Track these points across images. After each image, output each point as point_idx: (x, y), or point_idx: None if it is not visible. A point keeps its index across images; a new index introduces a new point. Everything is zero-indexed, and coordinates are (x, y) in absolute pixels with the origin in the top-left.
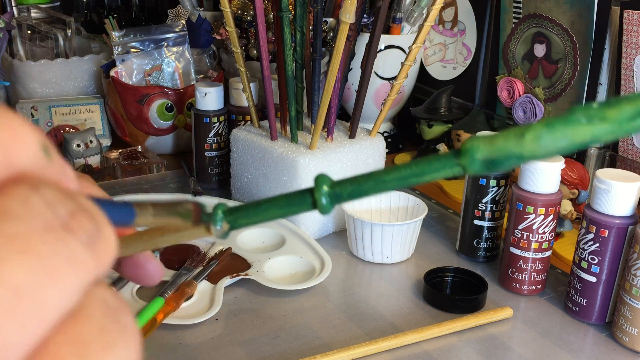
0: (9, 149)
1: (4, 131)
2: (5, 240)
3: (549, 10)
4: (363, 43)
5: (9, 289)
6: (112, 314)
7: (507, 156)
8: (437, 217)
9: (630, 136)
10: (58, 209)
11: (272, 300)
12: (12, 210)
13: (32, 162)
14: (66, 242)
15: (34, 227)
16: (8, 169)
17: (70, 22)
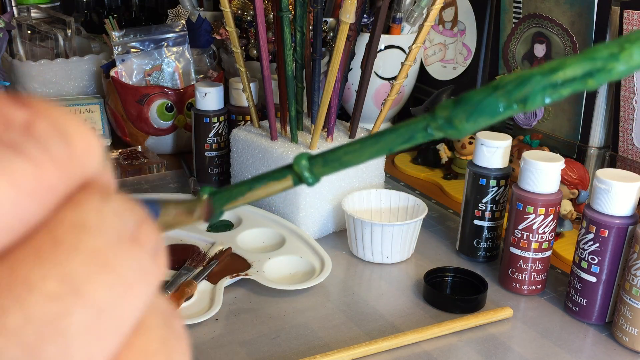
0: (86, 161)
1: (83, 144)
2: (86, 257)
3: (549, 10)
4: (363, 43)
5: (92, 308)
6: (168, 322)
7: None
8: (437, 217)
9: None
10: (126, 219)
11: (272, 300)
12: (88, 223)
13: (98, 169)
14: (136, 254)
15: (109, 241)
16: (82, 179)
17: (70, 22)
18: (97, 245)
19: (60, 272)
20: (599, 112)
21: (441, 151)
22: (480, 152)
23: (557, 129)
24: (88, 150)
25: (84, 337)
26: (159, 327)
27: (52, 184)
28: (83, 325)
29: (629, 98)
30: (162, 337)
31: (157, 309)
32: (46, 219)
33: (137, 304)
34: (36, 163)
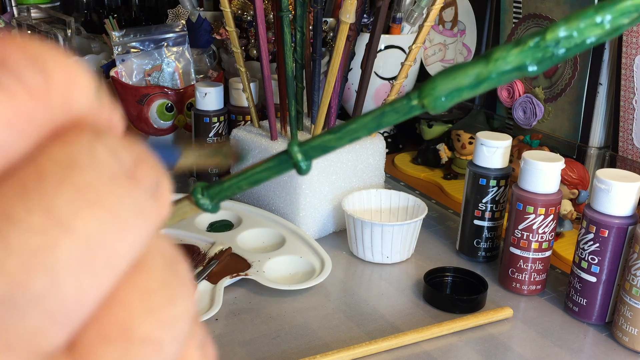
0: (68, 92)
1: (62, 74)
2: (76, 192)
3: (549, 10)
4: (363, 43)
5: (82, 241)
6: (171, 265)
7: (470, 82)
8: (437, 217)
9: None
10: (122, 157)
11: (272, 300)
12: (79, 160)
13: (89, 106)
14: (132, 192)
15: (101, 177)
16: (68, 114)
17: (70, 22)
18: (86, 181)
19: (45, 205)
20: (599, 112)
21: (441, 151)
22: (480, 152)
23: (557, 129)
24: (72, 82)
25: (74, 270)
26: (160, 268)
27: (30, 114)
28: (72, 259)
29: (629, 98)
30: (164, 278)
31: (159, 251)
32: (31, 154)
33: (132, 242)
34: (10, 93)
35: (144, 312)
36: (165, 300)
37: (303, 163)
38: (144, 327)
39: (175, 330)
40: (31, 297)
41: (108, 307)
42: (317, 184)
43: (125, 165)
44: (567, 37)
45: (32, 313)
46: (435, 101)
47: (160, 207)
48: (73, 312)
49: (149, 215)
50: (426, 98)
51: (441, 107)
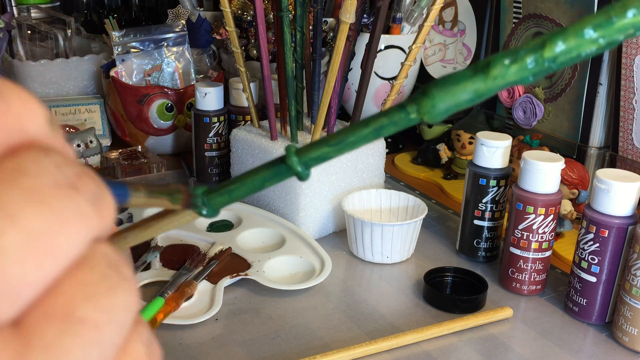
0: (22, 118)
1: (16, 102)
2: (22, 192)
3: (549, 10)
4: (363, 43)
5: (26, 232)
6: (114, 265)
7: (467, 96)
8: (437, 217)
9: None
10: (65, 170)
11: (272, 300)
12: (26, 168)
13: (41, 132)
14: (74, 198)
15: (46, 183)
16: (21, 136)
17: (70, 22)
18: (33, 185)
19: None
20: (599, 112)
21: (441, 151)
22: (480, 152)
23: (557, 129)
24: (26, 110)
25: (18, 255)
26: (102, 266)
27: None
28: (16, 246)
29: (629, 98)
30: (105, 275)
31: (102, 253)
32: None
33: (73, 239)
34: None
35: (83, 298)
36: (103, 291)
37: (303, 173)
38: (82, 310)
39: (113, 317)
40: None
41: (51, 294)
42: (317, 184)
43: (68, 176)
44: (564, 53)
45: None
46: (432, 112)
47: (101, 215)
48: (18, 291)
49: (89, 219)
50: (426, 115)
51: (438, 118)
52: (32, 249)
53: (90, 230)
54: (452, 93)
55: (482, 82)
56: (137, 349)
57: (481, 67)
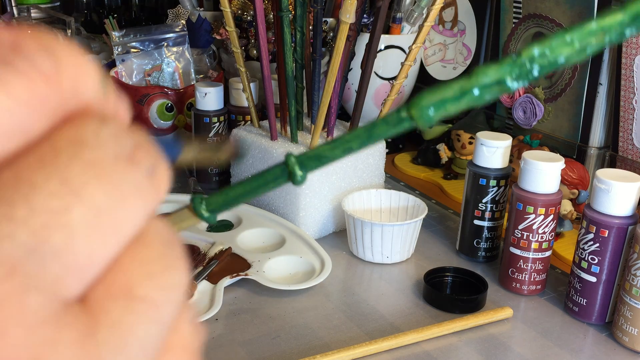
0: (76, 80)
1: (72, 63)
2: (84, 166)
3: (549, 10)
4: (363, 43)
5: (91, 207)
6: (168, 243)
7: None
8: (437, 217)
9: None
10: (123, 141)
11: (272, 300)
12: (87, 140)
13: (95, 94)
14: (132, 171)
15: (106, 156)
16: (77, 99)
17: (70, 22)
18: (94, 158)
19: (61, 175)
20: (599, 112)
21: (441, 151)
22: (480, 152)
23: (557, 129)
24: (79, 71)
25: (86, 231)
26: (158, 243)
27: (44, 96)
28: (84, 221)
29: (629, 98)
30: (161, 251)
31: (157, 230)
32: (45, 133)
33: (134, 214)
34: (27, 76)
35: (143, 276)
36: (161, 269)
37: (299, 175)
38: (143, 289)
39: (170, 296)
40: (51, 250)
41: (113, 271)
42: (317, 184)
43: (126, 148)
44: (541, 55)
45: (52, 263)
46: (421, 111)
47: (156, 188)
48: (85, 267)
49: (146, 193)
50: (413, 109)
51: (428, 119)
52: (97, 225)
53: (148, 205)
54: (438, 90)
55: (466, 80)
56: (185, 328)
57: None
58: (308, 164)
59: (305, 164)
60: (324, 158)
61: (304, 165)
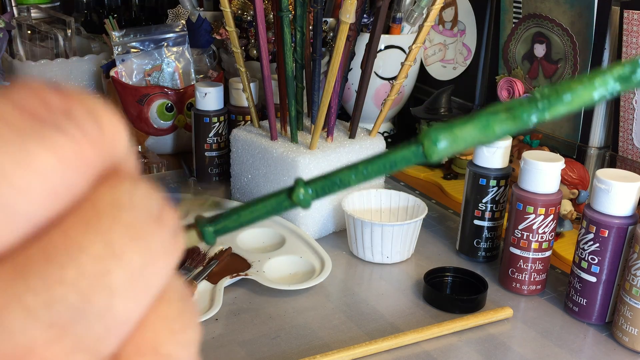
0: (114, 141)
1: (111, 125)
2: (123, 228)
3: (549, 10)
4: (363, 43)
5: (129, 269)
6: (184, 299)
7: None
8: (437, 217)
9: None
10: (152, 202)
11: (272, 300)
12: (124, 202)
13: (126, 157)
14: (160, 232)
15: (140, 218)
16: (113, 159)
17: (70, 22)
18: (131, 221)
19: (103, 239)
20: (599, 112)
21: None
22: (480, 152)
23: (557, 129)
24: (116, 133)
25: (124, 292)
26: (177, 300)
27: (89, 159)
28: (122, 283)
29: (629, 98)
30: (180, 309)
31: (175, 286)
32: (87, 193)
33: (161, 273)
34: (76, 141)
35: (167, 334)
36: (182, 327)
37: (306, 200)
38: (167, 346)
39: (190, 352)
40: (96, 311)
41: (141, 329)
42: None
43: (154, 209)
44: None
45: (97, 324)
46: (435, 145)
47: (178, 248)
48: (122, 326)
49: (171, 253)
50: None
51: (439, 148)
52: (133, 285)
53: (172, 263)
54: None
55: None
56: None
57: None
58: (317, 189)
59: (314, 189)
60: (334, 185)
61: (313, 190)
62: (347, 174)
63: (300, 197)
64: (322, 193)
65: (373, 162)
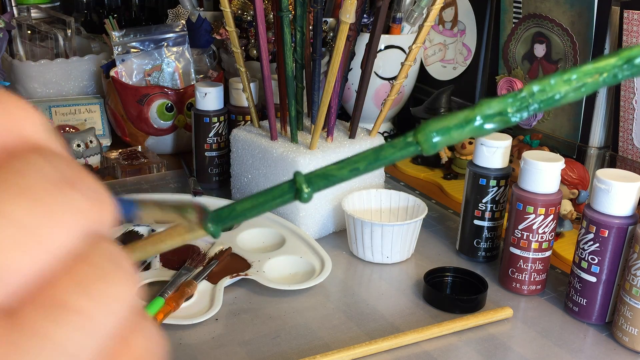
0: (18, 120)
1: (14, 106)
2: (17, 191)
3: (549, 10)
4: (363, 43)
5: (15, 225)
6: (113, 260)
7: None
8: (437, 217)
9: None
10: (62, 169)
11: (272, 300)
12: (22, 169)
13: (38, 135)
14: (70, 194)
15: (40, 181)
16: (18, 137)
17: (70, 22)
18: (28, 184)
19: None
20: (599, 112)
21: (441, 151)
22: (480, 152)
23: (557, 129)
24: (23, 113)
25: (5, 246)
26: (100, 259)
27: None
28: (4, 238)
29: (629, 98)
30: (102, 267)
31: (101, 248)
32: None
33: (67, 233)
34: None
35: (76, 288)
36: (98, 282)
37: (306, 193)
38: (74, 299)
39: (107, 307)
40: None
41: (47, 286)
42: None
43: (65, 175)
44: (540, 91)
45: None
46: (427, 137)
47: (99, 210)
48: (10, 279)
49: (84, 213)
50: (420, 134)
51: (433, 145)
52: (20, 240)
53: (87, 224)
54: (444, 119)
55: (470, 110)
56: (140, 342)
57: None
58: (315, 182)
59: (313, 182)
60: (332, 177)
61: (312, 184)
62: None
63: (305, 196)
64: (320, 187)
65: (367, 155)
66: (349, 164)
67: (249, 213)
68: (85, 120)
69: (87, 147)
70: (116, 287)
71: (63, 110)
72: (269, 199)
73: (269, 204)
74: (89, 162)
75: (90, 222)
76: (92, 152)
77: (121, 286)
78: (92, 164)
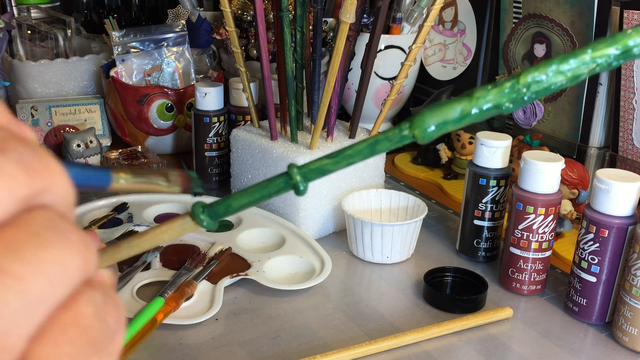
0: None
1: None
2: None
3: (549, 10)
4: (363, 43)
5: None
6: (55, 227)
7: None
8: (437, 217)
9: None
10: None
11: (272, 300)
12: None
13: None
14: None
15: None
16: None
17: (70, 22)
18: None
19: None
20: (599, 112)
21: (441, 151)
22: (480, 152)
23: (557, 129)
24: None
25: None
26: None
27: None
28: None
29: (629, 98)
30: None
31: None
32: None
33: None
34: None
35: (6, 252)
36: (31, 246)
37: (302, 184)
38: (8, 263)
39: (41, 270)
40: None
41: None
42: (317, 184)
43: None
44: (536, 82)
45: None
46: (424, 131)
47: (32, 175)
48: None
49: (13, 178)
50: (416, 129)
51: (429, 137)
52: None
53: (18, 190)
54: (440, 111)
55: (467, 102)
56: (83, 308)
57: (467, 92)
58: (310, 175)
59: (308, 175)
60: (326, 170)
61: (306, 176)
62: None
63: (301, 187)
64: (313, 178)
65: (362, 149)
66: (344, 157)
67: (244, 207)
68: (85, 120)
69: (87, 147)
70: (55, 253)
71: (63, 110)
72: (264, 193)
73: (264, 198)
74: (89, 162)
75: (21, 187)
76: (92, 152)
77: (60, 251)
78: (92, 164)
